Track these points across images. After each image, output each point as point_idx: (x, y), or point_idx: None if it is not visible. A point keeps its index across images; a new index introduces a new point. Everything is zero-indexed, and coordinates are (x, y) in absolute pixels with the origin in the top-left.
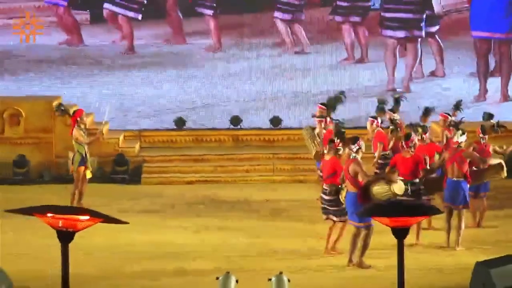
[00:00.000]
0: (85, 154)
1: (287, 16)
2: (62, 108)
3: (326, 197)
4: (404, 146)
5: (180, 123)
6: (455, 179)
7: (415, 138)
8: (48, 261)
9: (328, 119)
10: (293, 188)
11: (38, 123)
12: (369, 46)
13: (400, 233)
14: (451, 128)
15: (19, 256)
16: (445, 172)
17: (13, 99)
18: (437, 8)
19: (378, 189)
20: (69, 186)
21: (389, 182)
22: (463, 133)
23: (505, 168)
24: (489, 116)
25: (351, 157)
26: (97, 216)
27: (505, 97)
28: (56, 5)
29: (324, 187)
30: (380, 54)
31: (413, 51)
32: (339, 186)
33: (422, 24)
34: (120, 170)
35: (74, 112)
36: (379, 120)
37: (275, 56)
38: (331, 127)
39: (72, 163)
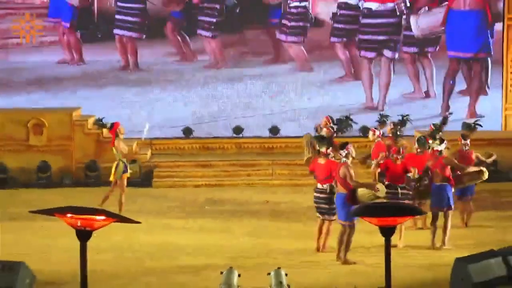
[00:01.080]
0: (125, 162)
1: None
2: (100, 122)
3: (321, 196)
4: (395, 154)
5: (187, 132)
6: (438, 183)
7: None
8: (47, 261)
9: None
10: (291, 192)
11: (59, 132)
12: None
13: (387, 232)
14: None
15: (19, 256)
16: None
17: (37, 110)
18: (415, 31)
19: (363, 191)
20: (87, 189)
21: (372, 186)
22: (442, 142)
23: (486, 173)
24: (467, 126)
25: (342, 161)
26: (112, 216)
27: (472, 114)
28: (59, 24)
29: (318, 187)
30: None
31: (386, 71)
32: (334, 186)
33: (398, 45)
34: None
35: (112, 124)
36: (380, 132)
37: (277, 73)
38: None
39: (116, 171)
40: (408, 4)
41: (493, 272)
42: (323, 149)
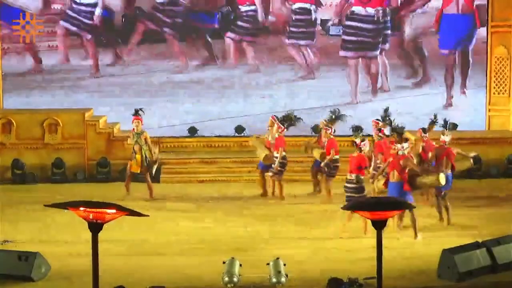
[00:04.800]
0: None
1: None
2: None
3: (351, 186)
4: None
5: (193, 131)
6: (394, 182)
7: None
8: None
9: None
10: (288, 187)
11: (73, 131)
12: None
13: (378, 225)
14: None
15: (35, 246)
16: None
17: (52, 110)
18: (408, 31)
19: (424, 179)
20: (98, 184)
21: (434, 173)
22: (406, 141)
23: (442, 179)
24: (453, 126)
25: (400, 153)
26: (122, 209)
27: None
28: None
29: (348, 177)
30: None
31: (366, 69)
32: (362, 177)
33: (378, 45)
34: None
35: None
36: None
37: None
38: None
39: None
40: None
41: (478, 262)
42: (358, 141)
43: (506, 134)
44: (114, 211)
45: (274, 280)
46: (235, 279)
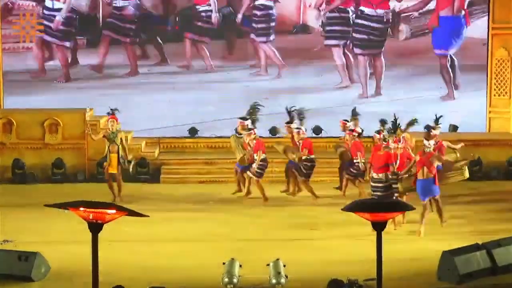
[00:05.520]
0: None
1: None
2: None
3: (381, 185)
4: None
5: (193, 132)
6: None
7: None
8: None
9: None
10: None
11: (73, 131)
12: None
13: (379, 226)
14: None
15: (35, 246)
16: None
17: (52, 110)
18: (406, 32)
19: (450, 174)
20: (98, 185)
21: (459, 168)
22: (432, 138)
23: (466, 173)
24: (454, 128)
25: (427, 151)
26: (122, 210)
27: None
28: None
29: (375, 177)
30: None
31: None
32: (389, 175)
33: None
34: (142, 171)
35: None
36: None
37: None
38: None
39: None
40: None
41: (478, 264)
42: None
43: (506, 136)
44: (114, 211)
45: (274, 281)
46: (235, 280)
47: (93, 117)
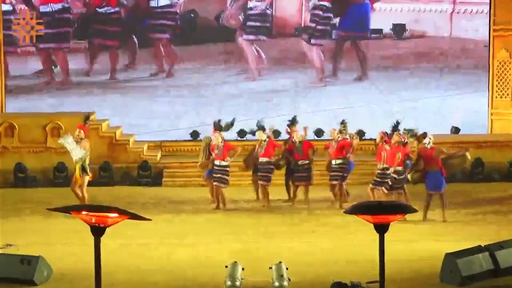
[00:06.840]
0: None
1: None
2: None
3: (398, 177)
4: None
5: (195, 135)
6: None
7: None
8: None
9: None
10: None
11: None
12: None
13: (381, 229)
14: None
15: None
16: None
17: (54, 114)
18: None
19: (453, 161)
20: (101, 188)
21: (460, 155)
22: (425, 137)
23: (469, 156)
24: (456, 129)
25: (428, 147)
26: (124, 213)
27: None
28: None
29: (394, 170)
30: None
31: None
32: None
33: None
34: (144, 175)
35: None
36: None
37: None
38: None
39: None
40: None
41: (480, 266)
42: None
43: (508, 138)
44: (116, 215)
45: (276, 284)
46: (237, 283)
47: (95, 121)
